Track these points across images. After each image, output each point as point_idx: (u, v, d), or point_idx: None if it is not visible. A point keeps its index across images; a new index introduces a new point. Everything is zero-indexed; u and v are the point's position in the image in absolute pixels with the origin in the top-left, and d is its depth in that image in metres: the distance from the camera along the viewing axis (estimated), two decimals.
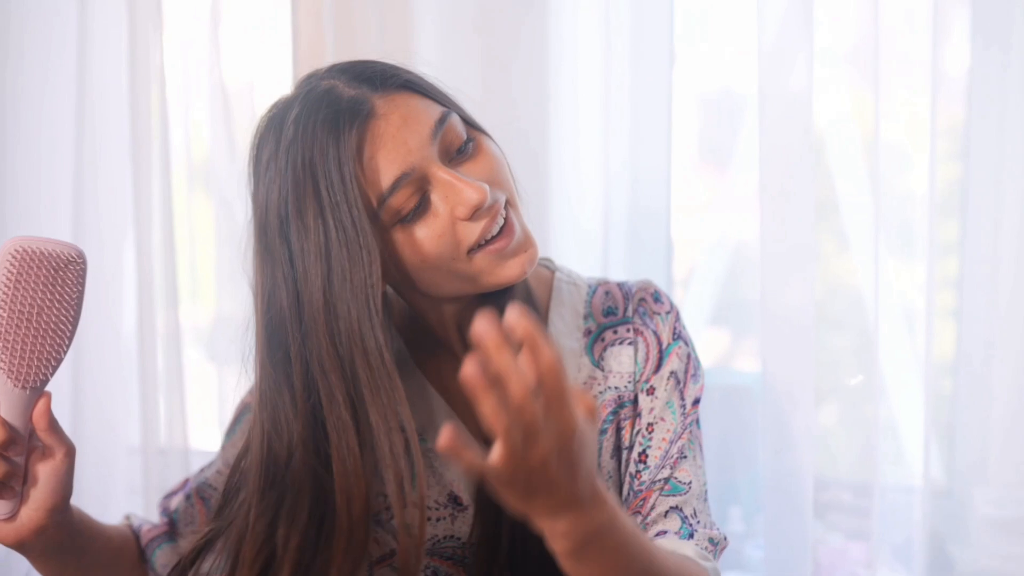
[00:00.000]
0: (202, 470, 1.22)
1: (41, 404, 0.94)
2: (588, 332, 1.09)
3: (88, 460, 1.91)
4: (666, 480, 1.04)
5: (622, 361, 1.08)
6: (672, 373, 1.07)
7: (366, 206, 0.92)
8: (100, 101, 1.90)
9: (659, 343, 1.08)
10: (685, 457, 1.05)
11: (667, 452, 1.05)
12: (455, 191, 0.94)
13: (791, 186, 1.50)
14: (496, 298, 1.02)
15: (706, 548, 1.02)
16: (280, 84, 1.92)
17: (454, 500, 1.08)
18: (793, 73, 1.49)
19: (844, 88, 1.56)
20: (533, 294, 1.08)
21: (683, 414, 1.07)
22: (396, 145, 0.93)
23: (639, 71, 1.66)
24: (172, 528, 1.18)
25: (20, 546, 0.97)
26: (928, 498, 1.46)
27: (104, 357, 1.93)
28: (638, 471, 1.05)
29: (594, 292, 1.12)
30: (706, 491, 1.07)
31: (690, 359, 1.10)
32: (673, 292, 1.68)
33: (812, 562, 1.50)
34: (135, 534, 1.17)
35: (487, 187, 0.94)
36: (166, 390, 1.89)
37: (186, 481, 1.21)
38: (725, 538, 1.06)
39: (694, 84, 1.71)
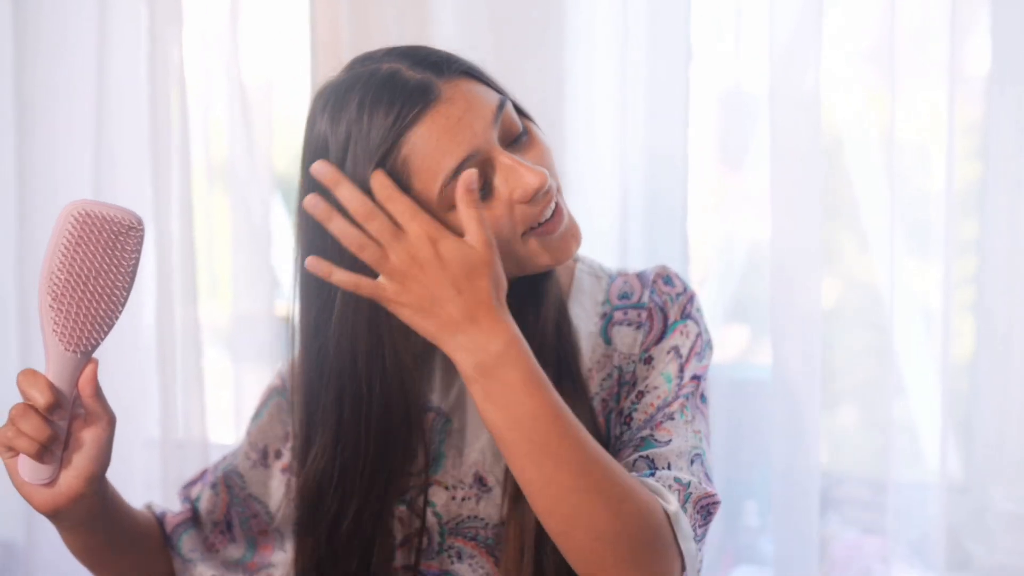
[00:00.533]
0: (225, 458, 1.22)
1: (88, 370, 0.94)
2: (604, 315, 1.11)
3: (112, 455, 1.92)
4: (643, 439, 1.03)
5: (625, 341, 1.09)
6: (674, 348, 1.08)
7: (424, 187, 0.94)
8: (119, 98, 1.92)
9: (664, 318, 1.09)
10: (672, 419, 1.04)
11: (652, 416, 1.05)
12: (516, 175, 0.96)
13: (807, 184, 1.50)
14: (527, 283, 1.05)
15: (669, 486, 0.99)
16: (298, 82, 1.93)
17: (479, 481, 1.09)
18: (809, 72, 1.50)
19: (861, 87, 1.57)
20: (558, 282, 1.10)
21: (679, 385, 1.06)
22: (462, 128, 0.94)
23: (656, 67, 1.66)
24: (194, 516, 1.19)
25: (55, 514, 0.97)
26: (945, 494, 1.46)
27: (123, 352, 1.95)
28: (620, 432, 1.06)
29: (613, 281, 1.14)
30: (698, 454, 1.03)
31: (698, 338, 1.09)
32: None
33: (820, 557, 1.51)
34: (158, 520, 1.18)
35: (546, 172, 0.97)
36: (184, 384, 1.91)
37: (204, 471, 1.22)
38: (707, 491, 1.01)
39: (711, 81, 1.72)
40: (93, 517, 1.01)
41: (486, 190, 0.97)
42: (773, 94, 1.52)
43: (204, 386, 1.91)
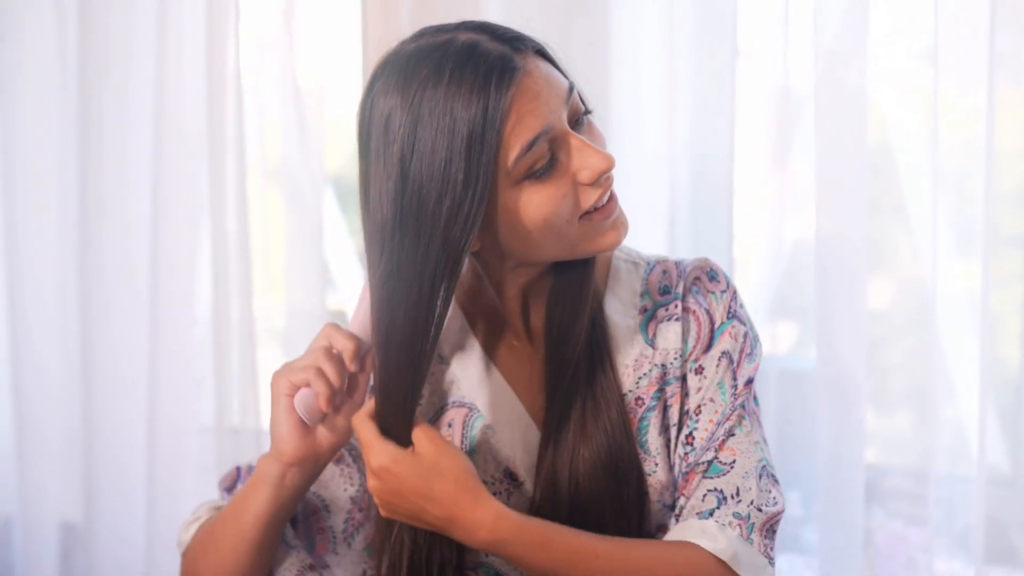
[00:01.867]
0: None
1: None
2: (644, 310, 1.11)
3: (163, 439, 1.98)
4: (708, 463, 1.06)
5: (668, 337, 1.09)
6: (724, 353, 1.08)
7: (502, 159, 0.95)
8: (178, 98, 1.97)
9: (711, 322, 1.09)
10: (733, 435, 1.06)
11: (713, 434, 1.07)
12: (584, 155, 0.97)
13: (852, 182, 1.51)
14: (568, 270, 1.06)
15: (728, 523, 1.02)
16: (351, 83, 1.97)
17: (510, 476, 1.10)
18: (854, 69, 1.51)
19: (907, 84, 1.57)
20: (596, 273, 1.11)
21: (733, 395, 1.07)
22: (541, 103, 0.95)
23: (702, 64, 1.68)
24: None
25: (297, 462, 1.05)
26: (989, 487, 1.46)
27: (179, 343, 2.00)
28: (685, 453, 1.08)
29: (651, 270, 1.13)
30: (763, 465, 1.07)
31: (746, 338, 1.10)
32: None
33: (864, 548, 1.51)
34: None
35: (612, 156, 0.99)
36: (240, 375, 1.96)
37: (239, 468, 1.20)
38: (777, 512, 1.05)
39: (757, 78, 1.73)
40: (305, 484, 1.07)
41: (551, 166, 0.97)
42: (819, 92, 1.53)
43: (258, 376, 1.96)
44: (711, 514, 1.04)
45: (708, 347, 1.08)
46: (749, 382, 1.09)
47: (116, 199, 2.01)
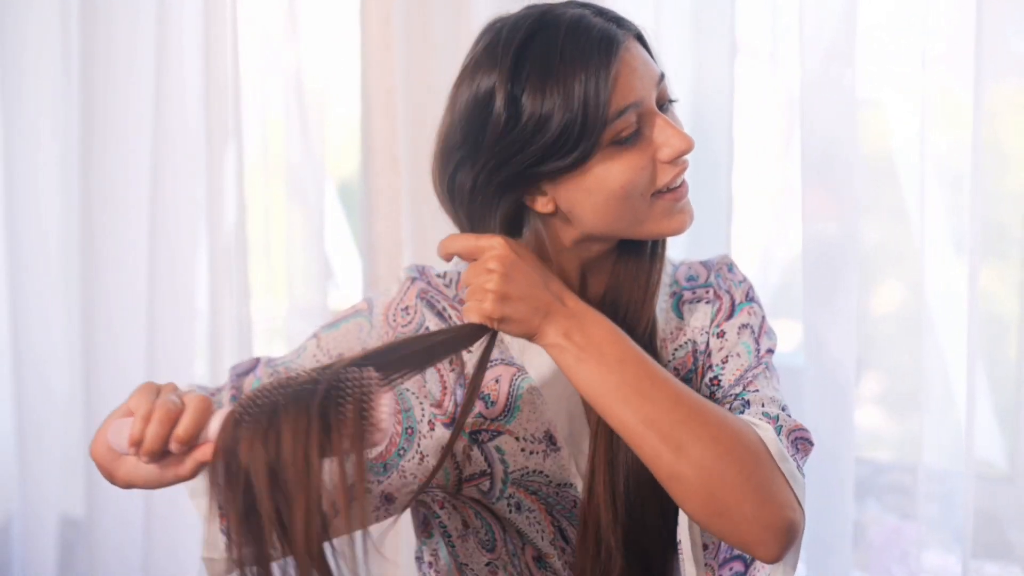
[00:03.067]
0: (284, 356, 1.19)
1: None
2: (673, 294, 1.17)
3: None
4: (736, 395, 1.10)
5: (698, 316, 1.15)
6: (744, 325, 1.14)
7: (602, 117, 1.01)
8: (178, 95, 1.99)
9: (732, 300, 1.16)
10: (757, 381, 1.11)
11: (740, 379, 1.11)
12: (668, 133, 1.04)
13: (846, 183, 1.53)
14: (636, 255, 1.12)
15: (760, 416, 1.05)
16: (352, 79, 1.99)
17: (549, 438, 1.13)
18: (882, 71, 1.52)
19: (938, 88, 1.58)
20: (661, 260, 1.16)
21: (757, 355, 1.13)
22: (638, 76, 1.02)
23: (701, 65, 1.69)
24: None
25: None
26: (985, 483, 1.48)
27: (179, 342, 2.01)
28: (711, 392, 1.12)
29: (677, 268, 1.20)
30: (785, 406, 1.09)
31: (764, 320, 1.16)
32: None
33: (853, 542, 1.53)
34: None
35: (693, 139, 1.05)
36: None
37: (257, 360, 1.19)
38: (797, 424, 1.06)
39: (753, 82, 1.74)
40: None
41: (636, 137, 1.03)
42: (813, 93, 1.55)
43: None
44: (740, 413, 1.07)
45: (729, 317, 1.15)
46: (769, 351, 1.14)
47: (116, 198, 2.03)
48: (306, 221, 1.99)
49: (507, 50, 1.03)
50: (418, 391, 1.13)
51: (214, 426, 0.93)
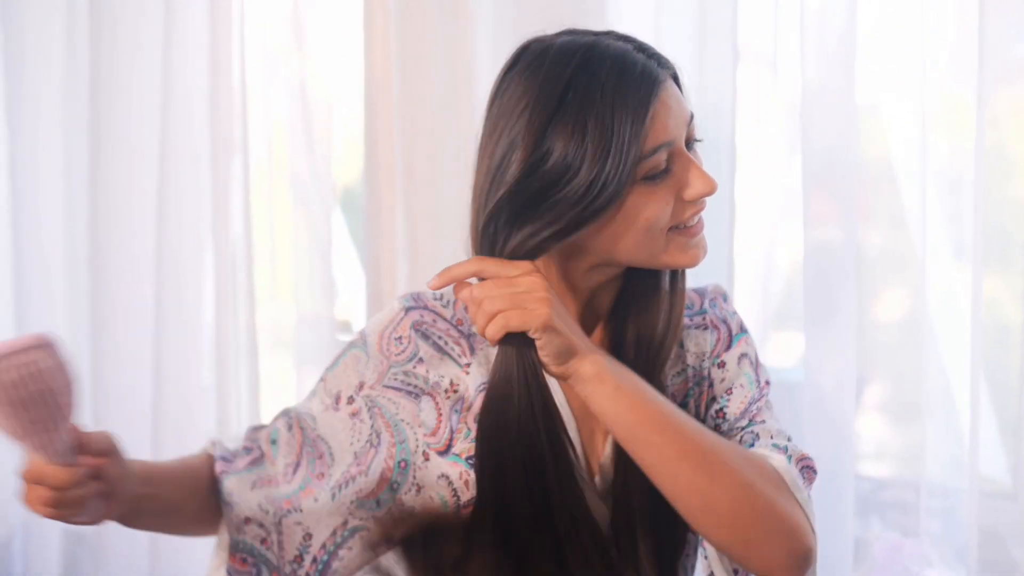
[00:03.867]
0: (298, 405, 1.22)
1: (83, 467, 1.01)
2: None
3: (168, 447, 2.00)
4: (743, 428, 1.12)
5: (699, 343, 1.17)
6: (743, 355, 1.16)
7: (636, 156, 1.03)
8: (184, 107, 2.00)
9: (728, 330, 1.18)
10: (762, 414, 1.13)
11: (745, 410, 1.14)
12: (695, 175, 1.06)
13: (847, 191, 1.51)
14: (654, 287, 1.13)
15: (770, 448, 1.08)
16: (358, 91, 1.99)
17: None
18: (885, 79, 1.50)
19: (939, 95, 1.56)
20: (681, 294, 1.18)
21: (759, 387, 1.15)
22: (673, 115, 1.05)
23: (704, 72, 1.68)
24: (260, 456, 1.20)
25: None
26: (988, 499, 1.45)
27: (185, 353, 2.02)
28: (716, 425, 1.14)
29: None
30: (790, 438, 1.11)
31: (757, 354, 1.19)
32: (732, 293, 1.70)
33: (854, 559, 1.51)
34: (212, 462, 1.20)
35: (716, 183, 1.07)
36: (244, 383, 1.97)
37: (277, 417, 1.22)
38: (804, 453, 1.09)
39: (754, 89, 1.73)
40: (136, 513, 1.10)
41: (664, 175, 1.05)
42: (814, 101, 1.53)
43: (260, 386, 1.97)
44: (751, 446, 1.09)
45: (728, 348, 1.17)
46: (768, 383, 1.17)
47: (123, 208, 2.04)
48: (311, 233, 1.99)
49: (554, 87, 1.03)
50: (412, 420, 1.14)
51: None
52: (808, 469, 1.09)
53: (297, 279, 2.02)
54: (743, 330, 1.18)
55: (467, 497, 1.12)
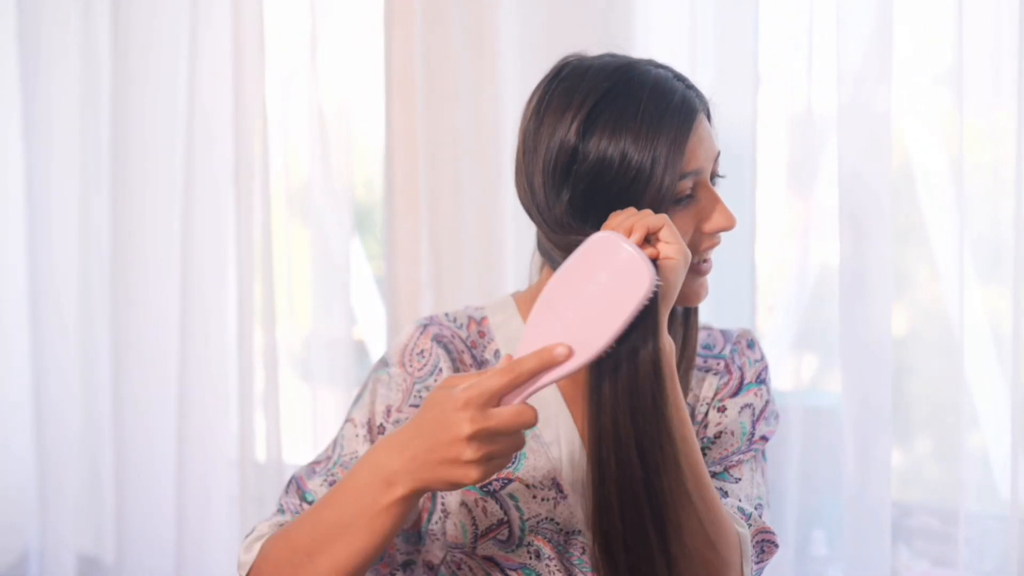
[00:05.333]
0: (329, 459, 1.19)
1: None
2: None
3: (193, 472, 1.99)
4: (716, 474, 1.12)
5: (703, 386, 1.16)
6: (748, 405, 1.16)
7: (670, 179, 1.04)
8: (205, 126, 2.00)
9: (741, 377, 1.17)
10: (743, 465, 1.13)
11: (726, 457, 1.13)
12: (718, 208, 1.08)
13: (875, 210, 1.49)
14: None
15: (735, 510, 1.07)
16: (375, 112, 1.98)
17: (557, 486, 1.13)
18: (877, 96, 1.49)
19: (931, 111, 1.55)
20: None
21: (750, 439, 1.15)
22: (704, 145, 1.07)
23: (724, 94, 1.66)
24: None
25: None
26: (1019, 526, 1.42)
27: (208, 373, 2.01)
28: None
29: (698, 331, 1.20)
30: (761, 504, 1.11)
31: (768, 405, 1.17)
32: (756, 316, 1.68)
33: None
34: None
35: (736, 219, 1.09)
36: (263, 406, 1.96)
37: (292, 481, 1.19)
38: (765, 527, 1.08)
39: (780, 105, 1.71)
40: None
41: (688, 202, 1.07)
42: (842, 118, 1.51)
43: (280, 408, 1.96)
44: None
45: (734, 394, 1.16)
46: (764, 438, 1.16)
47: (145, 227, 2.04)
48: (327, 251, 1.98)
49: (588, 97, 1.05)
50: None
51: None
52: (768, 544, 1.09)
53: (314, 299, 2.01)
54: (759, 380, 1.18)
55: (485, 525, 1.12)
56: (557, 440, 1.14)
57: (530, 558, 1.12)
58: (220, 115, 1.99)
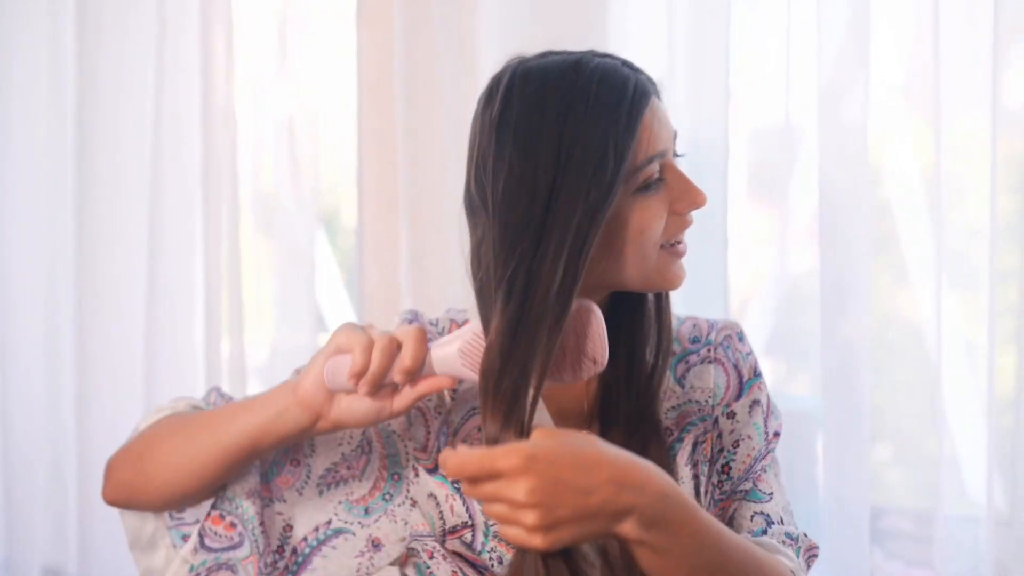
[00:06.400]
0: None
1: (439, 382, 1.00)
2: (673, 353, 1.16)
3: None
4: (747, 491, 1.12)
5: (704, 378, 1.15)
6: (755, 402, 1.15)
7: (629, 166, 1.02)
8: (174, 131, 1.99)
9: (739, 376, 1.16)
10: (767, 472, 1.13)
11: (751, 468, 1.13)
12: (688, 187, 1.07)
13: (848, 219, 1.52)
14: (625, 307, 1.11)
15: (783, 542, 1.08)
16: (344, 118, 1.98)
17: None
18: (850, 106, 1.52)
19: (903, 121, 1.58)
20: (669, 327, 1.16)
21: (767, 439, 1.14)
22: (663, 127, 1.06)
23: (696, 107, 1.69)
24: None
25: (306, 405, 1.00)
26: (992, 527, 1.46)
27: (175, 382, 1.99)
28: (720, 481, 1.13)
29: (682, 323, 1.20)
30: (790, 508, 1.13)
31: (769, 399, 1.17)
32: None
33: None
34: None
35: (706, 195, 1.07)
36: None
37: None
38: (812, 543, 1.11)
39: (750, 119, 1.74)
40: (300, 432, 1.02)
41: (658, 185, 1.05)
42: (816, 127, 1.55)
43: None
44: (764, 532, 1.09)
45: (738, 396, 1.15)
46: (776, 434, 1.16)
47: (111, 234, 2.02)
48: (294, 258, 1.97)
49: (540, 91, 1.03)
50: (403, 433, 1.12)
51: (437, 357, 0.97)
52: (812, 556, 1.11)
53: (281, 306, 2.00)
54: (756, 374, 1.17)
55: (452, 522, 1.11)
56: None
57: (493, 565, 1.11)
58: (188, 120, 1.97)
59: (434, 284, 1.80)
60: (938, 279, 1.49)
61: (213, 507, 1.09)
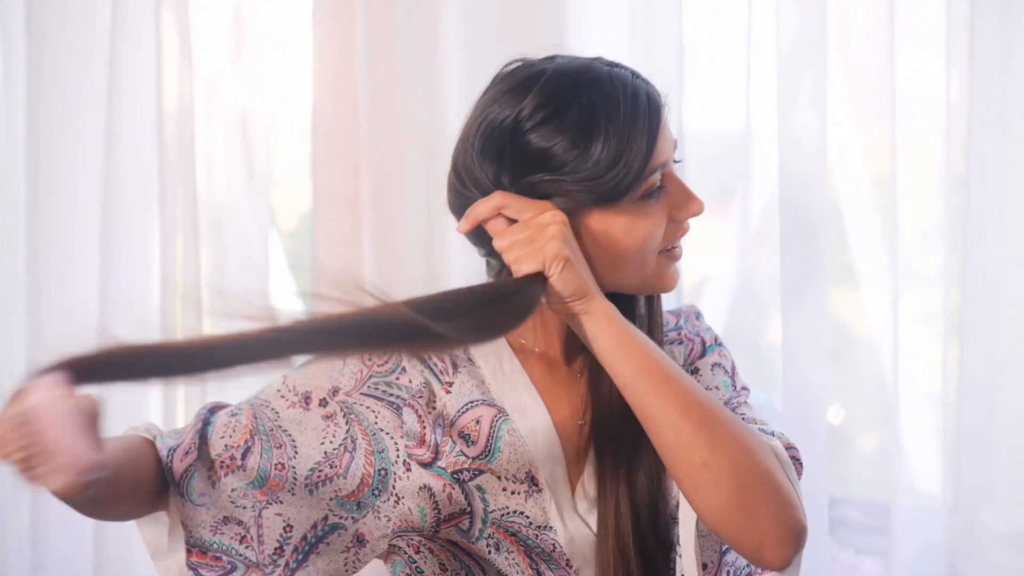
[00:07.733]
0: (251, 397, 1.18)
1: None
2: None
3: None
4: None
5: (674, 356, 1.19)
6: (716, 364, 1.19)
7: (642, 174, 1.06)
8: (128, 132, 1.96)
9: (702, 343, 1.21)
10: (743, 407, 1.15)
11: (726, 403, 1.15)
12: (687, 196, 1.10)
13: (799, 222, 1.57)
14: (620, 306, 1.12)
15: (759, 430, 1.08)
16: (299, 120, 1.97)
17: (531, 479, 1.13)
18: (802, 110, 1.57)
19: (854, 126, 1.63)
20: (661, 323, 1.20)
21: (735, 389, 1.18)
22: (668, 139, 1.10)
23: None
24: (201, 443, 1.15)
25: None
26: (941, 516, 1.51)
27: (128, 391, 1.95)
28: None
29: None
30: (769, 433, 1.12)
31: (733, 364, 1.21)
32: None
33: None
34: (165, 464, 1.14)
35: (704, 203, 1.10)
36: (188, 420, 1.91)
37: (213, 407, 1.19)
38: (794, 446, 1.10)
39: (702, 122, 1.78)
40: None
41: (659, 193, 1.09)
42: (769, 132, 1.59)
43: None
44: None
45: (701, 356, 1.19)
46: (745, 388, 1.19)
47: (63, 237, 1.99)
48: (248, 259, 1.96)
49: (556, 93, 1.06)
50: (393, 431, 1.14)
51: None
52: (796, 461, 1.09)
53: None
54: (717, 343, 1.21)
55: (450, 510, 1.13)
56: (533, 433, 1.14)
57: (489, 551, 1.13)
58: (142, 120, 1.95)
59: (397, 282, 1.80)
60: (893, 280, 1.54)
61: (188, 548, 1.12)
